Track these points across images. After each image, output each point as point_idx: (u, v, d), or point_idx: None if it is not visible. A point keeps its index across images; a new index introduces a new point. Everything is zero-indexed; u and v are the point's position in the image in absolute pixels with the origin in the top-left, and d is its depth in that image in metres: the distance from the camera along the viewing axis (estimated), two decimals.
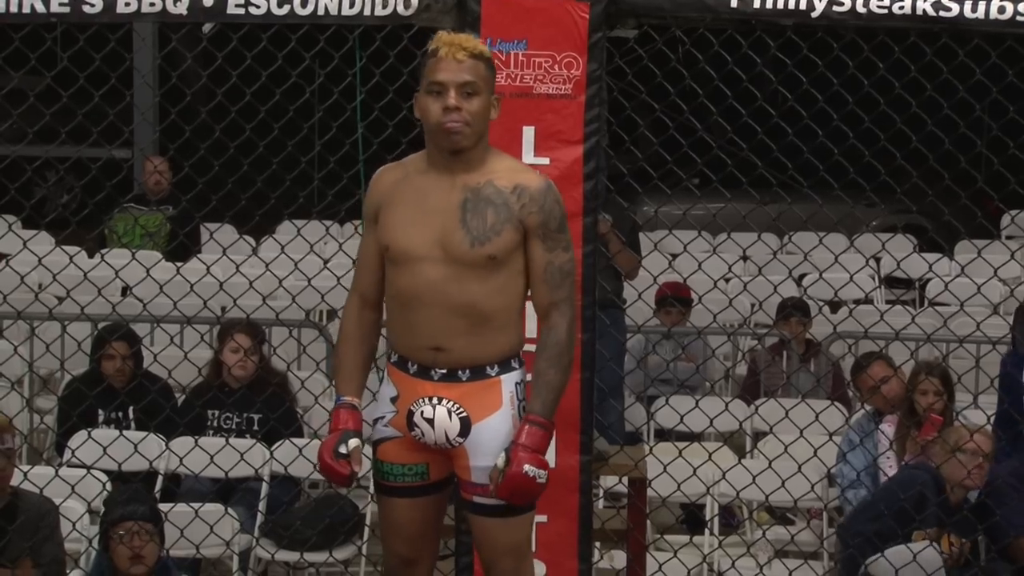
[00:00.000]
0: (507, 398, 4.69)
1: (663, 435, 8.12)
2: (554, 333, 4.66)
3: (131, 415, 7.72)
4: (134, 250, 9.97)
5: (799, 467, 6.62)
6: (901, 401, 7.43)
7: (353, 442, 4.71)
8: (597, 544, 6.13)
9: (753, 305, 10.13)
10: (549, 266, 4.65)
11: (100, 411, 7.73)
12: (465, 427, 4.68)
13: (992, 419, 7.22)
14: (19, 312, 6.84)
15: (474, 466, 4.70)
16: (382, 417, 4.80)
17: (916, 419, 7.22)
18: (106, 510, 6.17)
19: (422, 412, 4.71)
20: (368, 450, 4.82)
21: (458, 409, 4.68)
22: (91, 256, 9.93)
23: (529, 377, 4.74)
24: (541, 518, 5.24)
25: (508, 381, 4.70)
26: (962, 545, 6.51)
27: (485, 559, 4.82)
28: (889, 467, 7.26)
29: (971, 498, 6.77)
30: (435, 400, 4.69)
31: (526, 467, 4.56)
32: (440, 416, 4.69)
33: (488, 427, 4.68)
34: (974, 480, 6.63)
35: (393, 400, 4.77)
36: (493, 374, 4.69)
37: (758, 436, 8.21)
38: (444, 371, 4.68)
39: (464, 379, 4.68)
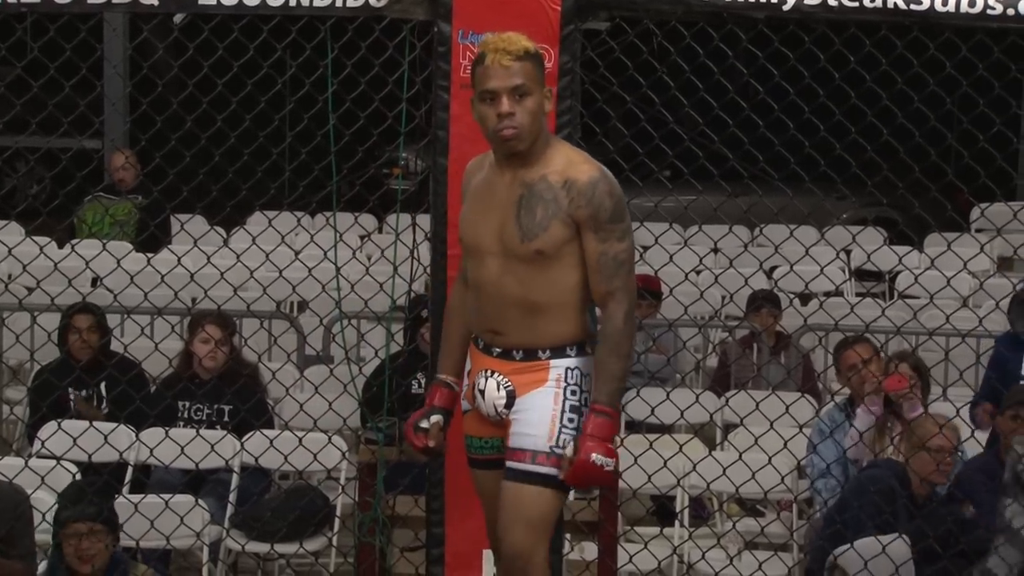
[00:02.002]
0: (553, 377, 4.82)
1: (634, 427, 8.12)
2: (611, 322, 4.77)
3: (103, 392, 7.72)
4: (104, 239, 9.93)
5: (769, 459, 6.64)
6: (877, 387, 7.41)
7: (435, 418, 5.01)
8: (568, 535, 6.14)
9: (724, 297, 10.14)
10: (602, 256, 4.75)
11: (71, 390, 7.73)
12: (510, 399, 4.84)
13: (970, 403, 7.26)
14: None
15: (514, 432, 4.83)
16: (462, 391, 5.03)
17: (890, 408, 7.23)
18: (58, 508, 6.14)
19: (478, 384, 4.91)
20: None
21: (506, 382, 4.85)
22: (61, 247, 9.91)
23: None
24: None
25: (558, 366, 4.83)
26: None
27: (502, 525, 4.85)
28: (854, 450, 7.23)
29: (939, 492, 6.80)
30: (489, 372, 4.88)
31: (594, 455, 4.70)
32: (490, 388, 4.88)
33: (530, 400, 4.82)
34: (941, 476, 6.65)
35: (468, 373, 4.99)
36: (544, 358, 4.83)
37: (728, 428, 8.23)
38: (500, 350, 4.86)
39: (517, 358, 4.84)
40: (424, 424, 5.00)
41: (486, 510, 5.08)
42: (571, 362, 4.83)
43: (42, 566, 6.38)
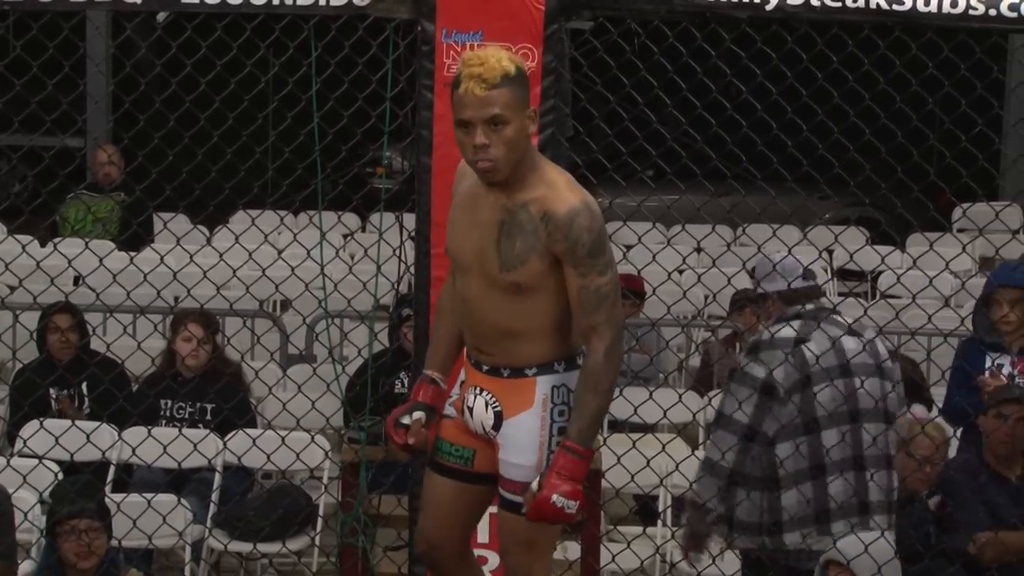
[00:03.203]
0: (539, 399, 4.70)
1: (617, 426, 8.13)
2: (591, 358, 4.61)
3: (84, 391, 7.72)
4: (86, 237, 9.92)
5: None
6: None
7: (417, 414, 4.85)
8: None
9: (707, 297, 10.14)
10: (583, 291, 4.57)
11: (52, 390, 7.73)
12: (497, 420, 4.73)
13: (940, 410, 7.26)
14: None
15: (502, 459, 4.74)
16: (451, 397, 4.92)
17: None
18: (53, 504, 6.13)
19: (467, 400, 4.81)
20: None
21: (493, 402, 4.74)
22: (43, 245, 9.89)
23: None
24: (493, 509, 5.26)
25: (544, 383, 4.70)
26: None
27: (501, 547, 4.85)
28: None
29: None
30: (478, 390, 4.77)
31: (555, 496, 4.55)
32: (478, 406, 4.77)
33: (517, 424, 4.71)
34: (923, 483, 6.64)
35: (461, 384, 4.88)
36: (530, 375, 4.70)
37: (711, 428, 8.22)
38: (489, 367, 4.75)
39: (505, 375, 4.73)
40: (406, 420, 4.85)
41: (427, 513, 4.94)
42: (558, 379, 4.70)
43: (27, 565, 6.37)
